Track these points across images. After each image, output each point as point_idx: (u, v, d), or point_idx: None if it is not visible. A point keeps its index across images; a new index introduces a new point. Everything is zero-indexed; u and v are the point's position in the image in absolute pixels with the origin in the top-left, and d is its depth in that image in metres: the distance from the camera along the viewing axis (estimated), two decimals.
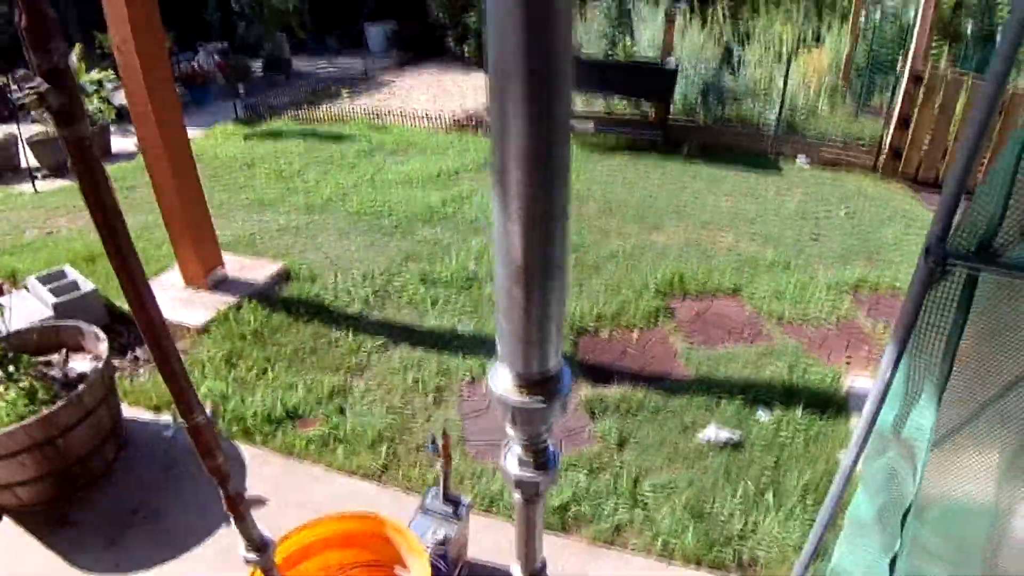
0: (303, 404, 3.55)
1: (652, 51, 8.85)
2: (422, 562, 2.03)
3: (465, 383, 3.76)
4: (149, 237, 5.44)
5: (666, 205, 6.28)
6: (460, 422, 3.47)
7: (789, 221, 6.00)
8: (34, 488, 2.87)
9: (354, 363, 3.92)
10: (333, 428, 3.38)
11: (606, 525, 2.85)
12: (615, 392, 3.63)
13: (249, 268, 4.86)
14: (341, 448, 3.26)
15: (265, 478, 3.10)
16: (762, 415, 3.50)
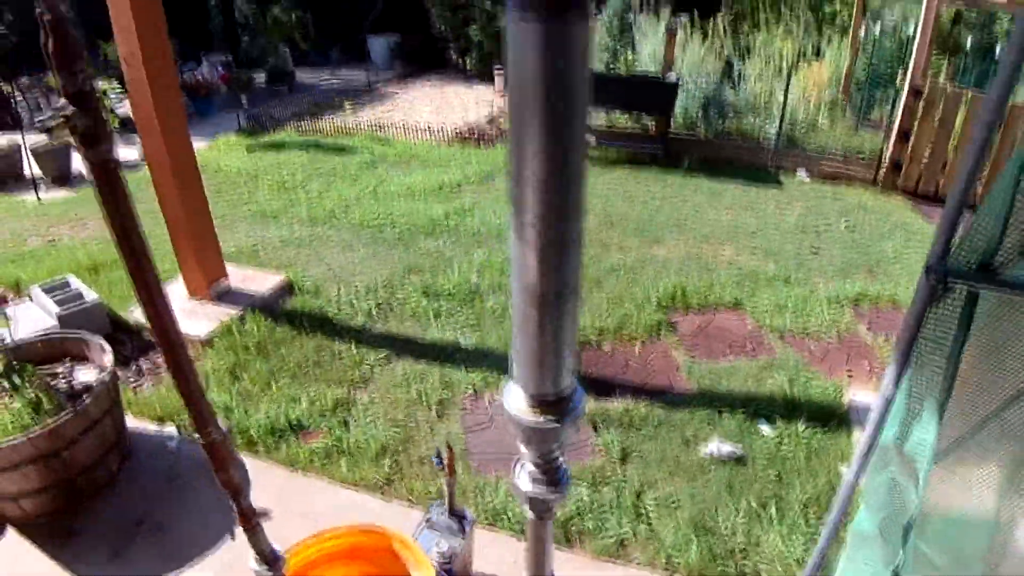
0: (307, 416, 3.56)
1: (653, 65, 8.92)
2: None
3: (468, 396, 3.76)
4: (152, 248, 5.45)
5: (667, 219, 6.31)
6: (463, 435, 3.47)
7: (789, 235, 6.03)
8: (38, 499, 2.87)
9: (357, 376, 3.93)
10: (336, 441, 3.39)
11: (610, 539, 2.85)
12: (617, 405, 3.64)
13: (252, 280, 4.88)
14: (344, 461, 3.27)
15: (269, 490, 3.10)
16: (764, 429, 3.51)
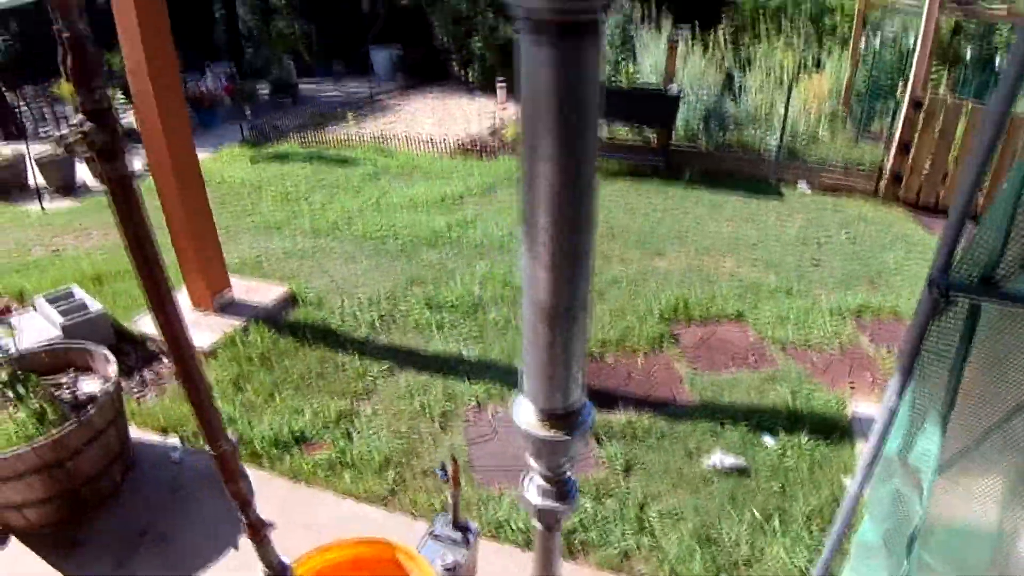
0: (310, 428, 3.57)
1: (655, 77, 8.96)
2: None
3: (471, 408, 3.77)
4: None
5: (668, 231, 6.33)
6: (466, 448, 3.47)
7: (791, 246, 6.04)
8: (42, 509, 2.88)
9: (360, 387, 3.93)
10: (340, 452, 3.39)
11: (613, 551, 2.84)
12: (621, 417, 3.64)
13: (256, 291, 4.90)
14: (348, 472, 3.27)
15: (272, 501, 3.10)
16: (767, 441, 3.51)
